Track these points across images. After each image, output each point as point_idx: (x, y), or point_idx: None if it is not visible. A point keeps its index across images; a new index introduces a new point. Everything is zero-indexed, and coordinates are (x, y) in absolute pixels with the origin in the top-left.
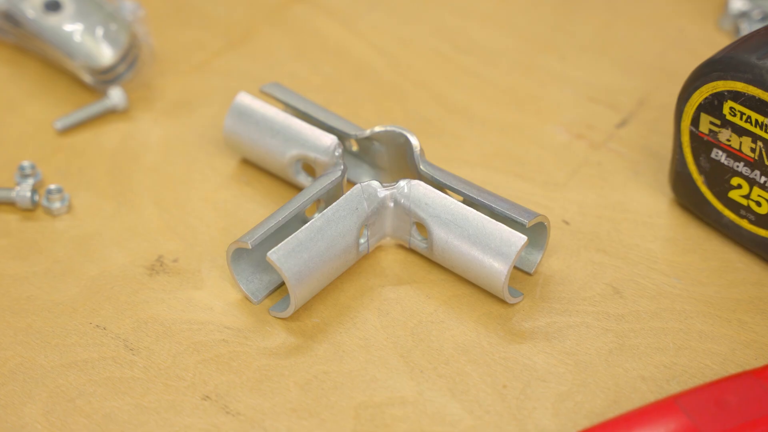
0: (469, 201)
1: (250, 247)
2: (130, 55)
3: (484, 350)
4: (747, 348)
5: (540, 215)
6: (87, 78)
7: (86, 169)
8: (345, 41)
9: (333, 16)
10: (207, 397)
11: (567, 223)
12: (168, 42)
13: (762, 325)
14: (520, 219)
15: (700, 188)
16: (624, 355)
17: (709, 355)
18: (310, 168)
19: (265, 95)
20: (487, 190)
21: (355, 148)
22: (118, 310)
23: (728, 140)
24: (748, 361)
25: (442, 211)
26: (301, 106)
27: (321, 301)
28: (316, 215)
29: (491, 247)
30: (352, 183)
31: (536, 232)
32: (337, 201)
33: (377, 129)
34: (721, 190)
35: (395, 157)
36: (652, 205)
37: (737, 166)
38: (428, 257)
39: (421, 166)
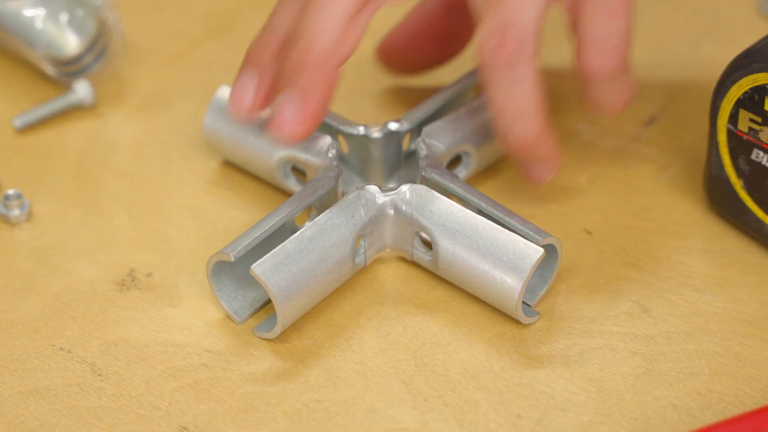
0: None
1: (233, 259)
2: (99, 44)
3: (495, 376)
4: None
5: (552, 237)
6: (50, 70)
7: (49, 173)
8: None
9: None
10: (184, 428)
11: (589, 233)
12: (141, 29)
13: None
14: (533, 236)
15: (738, 194)
16: (653, 381)
17: (749, 381)
18: (300, 171)
19: None
20: (497, 203)
21: (344, 149)
22: (85, 331)
23: None
24: None
25: (448, 219)
26: None
27: (312, 320)
28: (307, 224)
29: (504, 260)
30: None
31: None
32: (331, 208)
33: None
34: (763, 195)
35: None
36: (685, 212)
37: None
38: (433, 271)
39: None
